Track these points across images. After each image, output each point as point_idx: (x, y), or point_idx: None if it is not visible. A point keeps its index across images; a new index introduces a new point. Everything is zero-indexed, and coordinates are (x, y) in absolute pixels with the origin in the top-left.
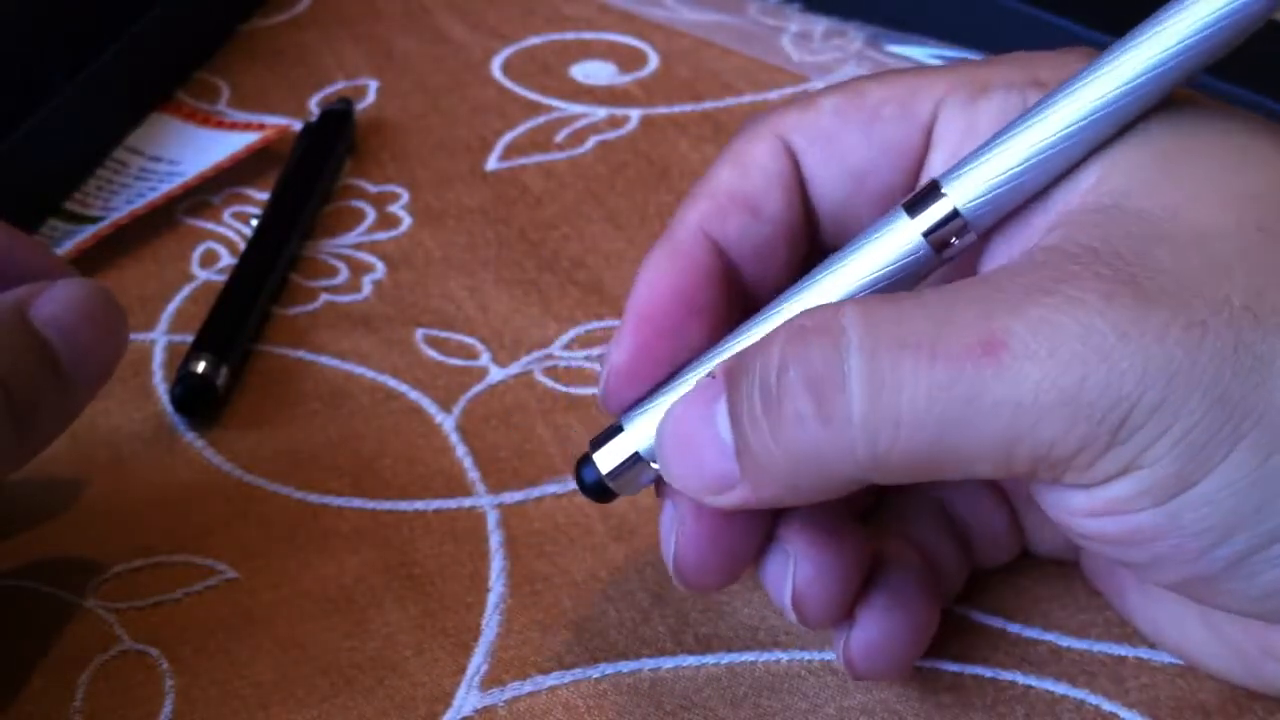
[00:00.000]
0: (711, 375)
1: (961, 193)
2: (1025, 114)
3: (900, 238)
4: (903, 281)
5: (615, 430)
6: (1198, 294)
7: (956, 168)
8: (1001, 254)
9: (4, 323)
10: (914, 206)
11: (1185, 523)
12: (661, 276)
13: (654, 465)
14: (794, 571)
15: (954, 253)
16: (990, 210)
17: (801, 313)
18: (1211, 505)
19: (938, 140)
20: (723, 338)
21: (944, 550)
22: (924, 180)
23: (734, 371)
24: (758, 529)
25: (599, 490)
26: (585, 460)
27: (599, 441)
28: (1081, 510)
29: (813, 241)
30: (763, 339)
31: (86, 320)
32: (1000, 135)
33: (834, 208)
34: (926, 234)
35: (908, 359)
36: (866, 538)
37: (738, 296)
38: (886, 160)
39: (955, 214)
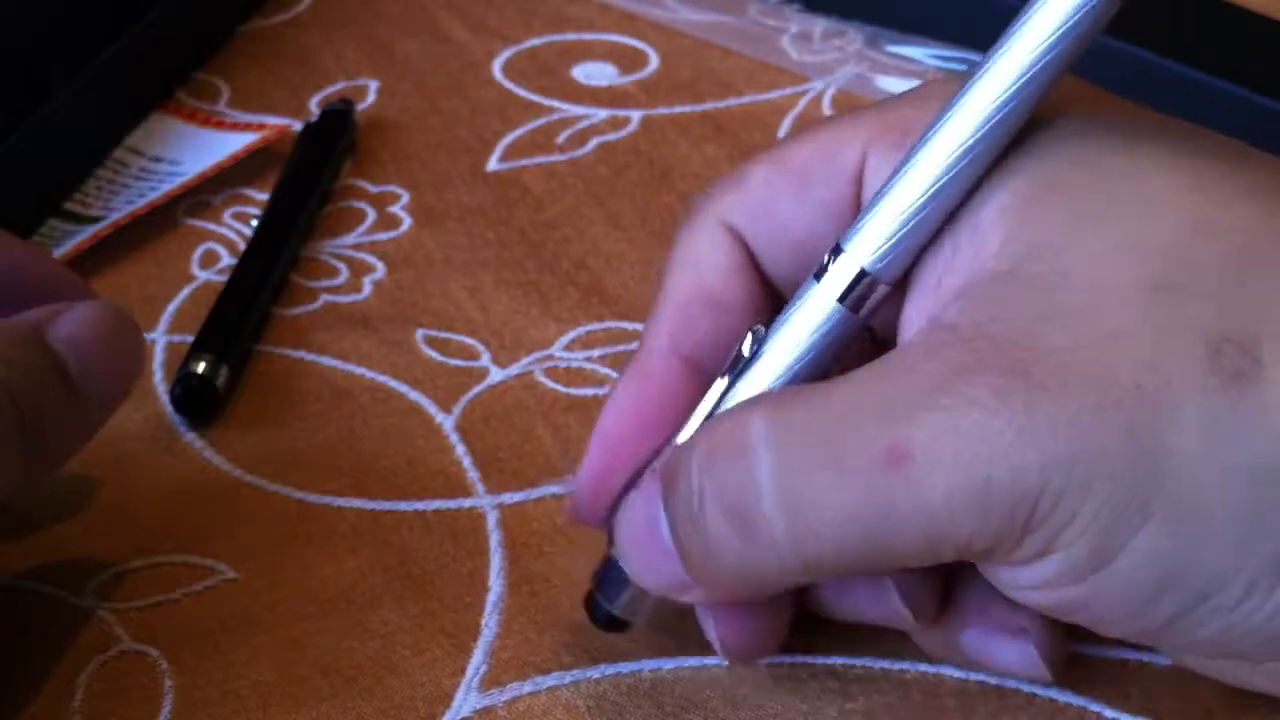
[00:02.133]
0: (653, 471)
1: (863, 249)
2: (907, 154)
3: (816, 308)
4: (830, 349)
5: (611, 565)
6: (1087, 377)
7: (854, 225)
8: (915, 307)
9: (21, 342)
10: (821, 274)
11: (1107, 595)
12: (629, 401)
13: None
14: (714, 627)
15: (870, 308)
16: (896, 259)
17: (712, 422)
18: (1129, 578)
19: (867, 189)
20: None
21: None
22: None
23: (667, 479)
24: (790, 597)
25: (613, 622)
26: (592, 596)
27: (599, 576)
28: (1013, 585)
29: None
30: (687, 447)
31: (103, 342)
32: (889, 181)
33: (788, 280)
34: (840, 299)
35: (818, 477)
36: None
37: None
38: (823, 222)
39: (863, 273)
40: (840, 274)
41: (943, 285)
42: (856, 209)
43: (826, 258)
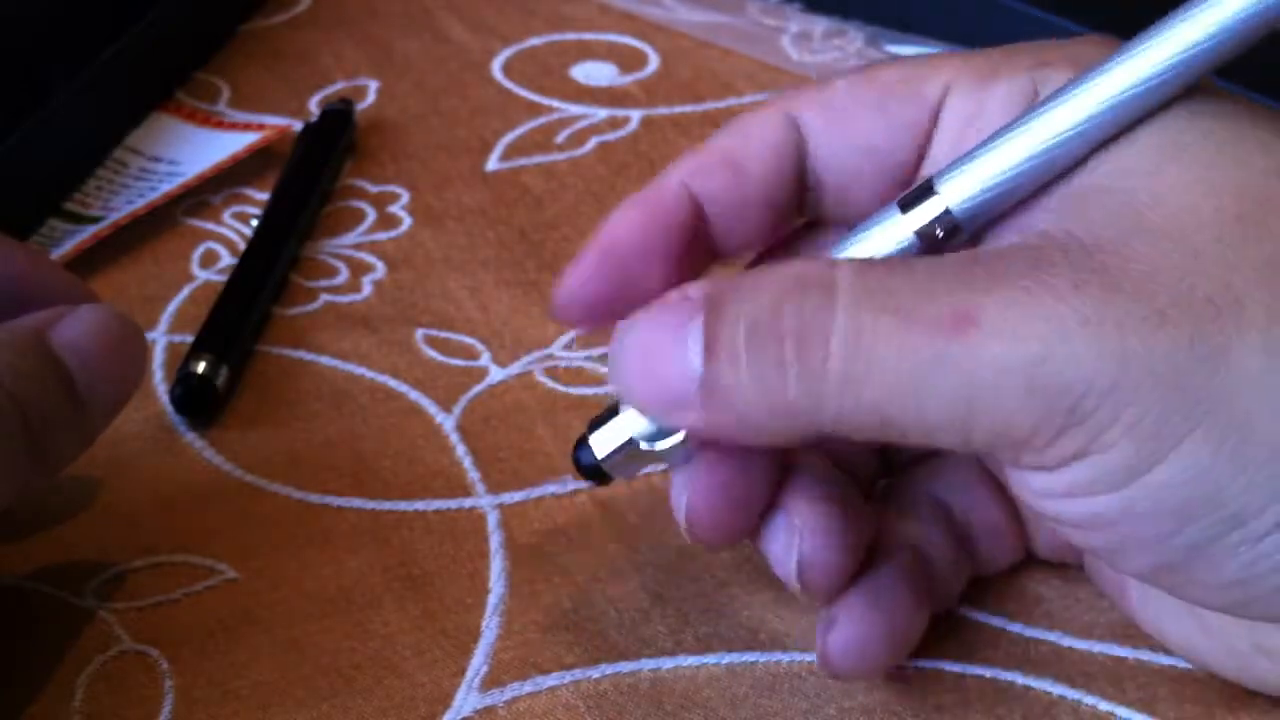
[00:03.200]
0: (685, 296)
1: (955, 193)
2: (1023, 115)
3: (893, 233)
4: None
5: (613, 412)
6: (1164, 285)
7: (952, 166)
8: (1000, 223)
9: (23, 346)
10: (908, 204)
11: (1141, 509)
12: (632, 216)
13: (651, 447)
14: (800, 542)
15: (944, 249)
16: (982, 212)
17: (797, 262)
18: (1165, 492)
19: (943, 123)
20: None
21: (941, 550)
22: (924, 165)
23: (717, 300)
24: (768, 481)
25: (595, 473)
26: (582, 442)
27: (596, 423)
28: (1043, 492)
29: (810, 214)
30: (755, 277)
31: (106, 347)
32: (997, 136)
33: (841, 180)
34: (919, 232)
35: (886, 321)
36: (871, 514)
37: (704, 252)
38: (894, 138)
39: (947, 213)
40: (926, 211)
41: (1030, 204)
42: (928, 138)
43: (917, 191)
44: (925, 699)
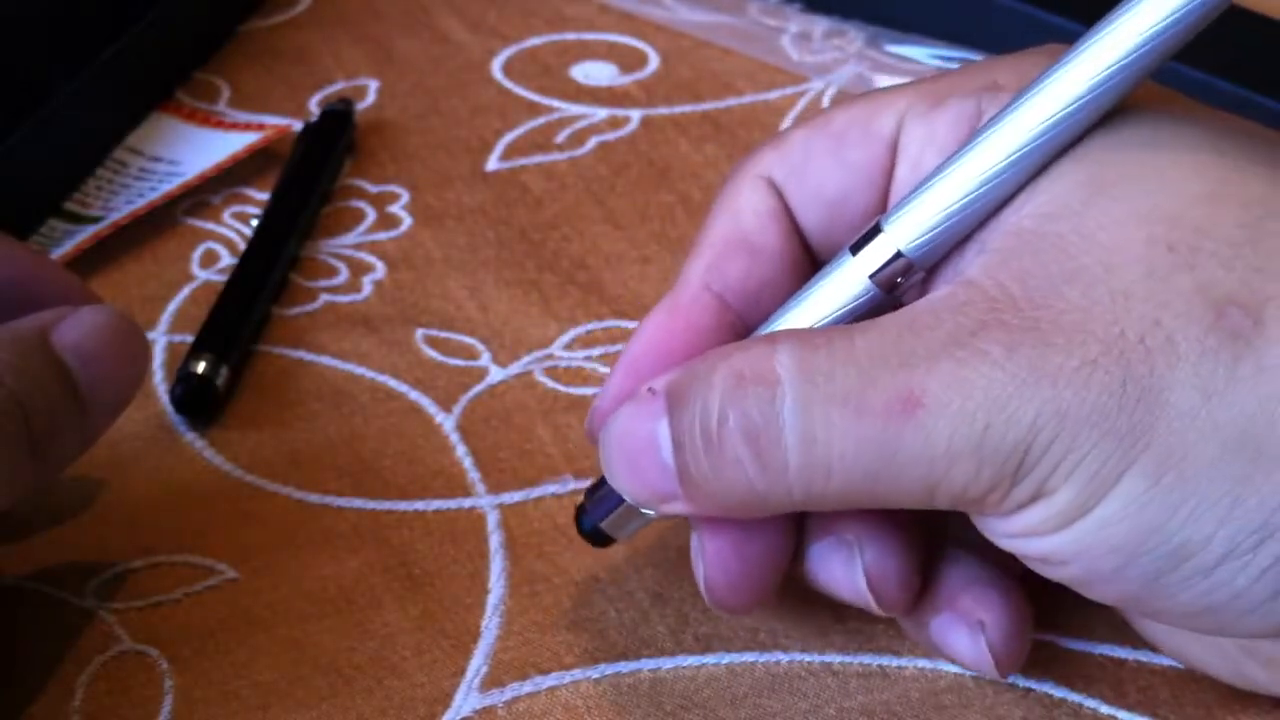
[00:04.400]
0: (651, 390)
1: (902, 233)
2: (963, 145)
3: (848, 281)
4: (855, 320)
5: (605, 481)
6: (1094, 333)
7: (897, 207)
8: (941, 266)
9: (26, 346)
10: (858, 247)
11: (1090, 544)
12: (657, 331)
13: (648, 513)
14: (861, 557)
15: (902, 291)
16: (932, 248)
17: (738, 353)
18: (1108, 529)
19: (901, 154)
20: None
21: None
22: (891, 201)
23: (675, 398)
24: (786, 542)
25: (597, 536)
26: (582, 509)
27: (594, 490)
28: (1001, 533)
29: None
30: (703, 371)
31: (108, 348)
32: (938, 170)
33: (821, 238)
34: (872, 276)
35: (836, 415)
36: (913, 523)
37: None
38: (857, 183)
39: (899, 254)
40: (876, 253)
41: (966, 242)
42: (890, 173)
43: (865, 234)
44: (925, 700)
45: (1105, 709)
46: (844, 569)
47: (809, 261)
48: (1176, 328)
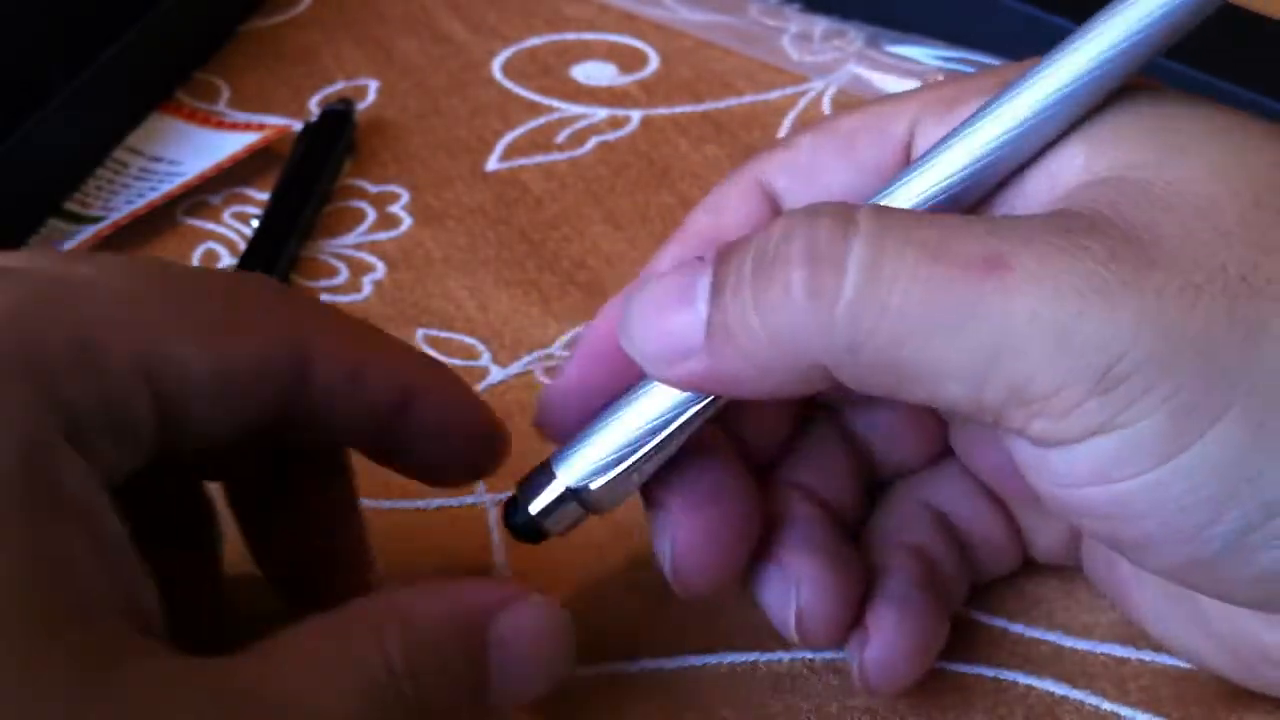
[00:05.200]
0: (699, 258)
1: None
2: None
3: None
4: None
5: (542, 470)
6: (1197, 259)
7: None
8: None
9: (456, 640)
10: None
11: (1175, 494)
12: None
13: (587, 485)
14: (797, 594)
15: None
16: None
17: (816, 202)
18: (1203, 474)
19: (915, 156)
20: None
21: (946, 557)
22: None
23: (728, 250)
24: (754, 522)
25: (528, 530)
26: (513, 504)
27: (526, 483)
28: (1066, 478)
29: None
30: (771, 222)
31: (537, 651)
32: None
33: None
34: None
35: (911, 254)
36: (861, 563)
37: None
38: (868, 183)
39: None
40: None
41: (1037, 198)
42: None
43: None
44: (928, 698)
45: (1107, 705)
46: (778, 599)
47: None
48: (1276, 273)
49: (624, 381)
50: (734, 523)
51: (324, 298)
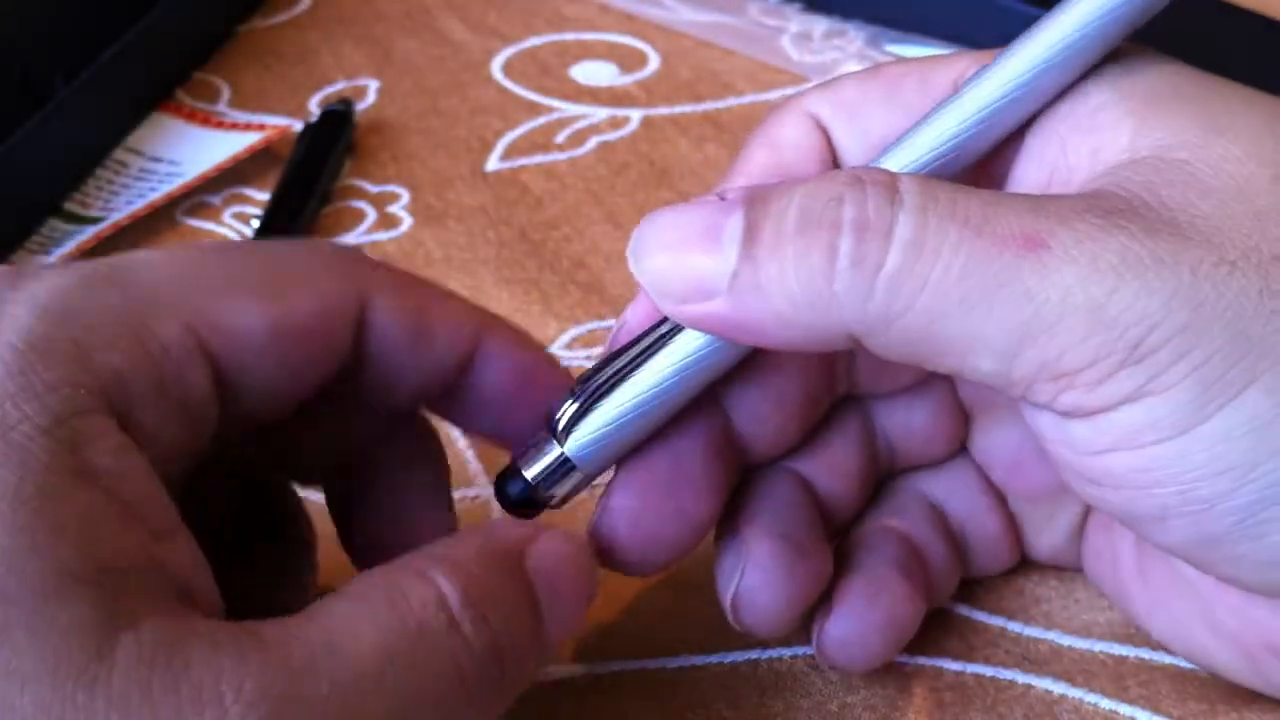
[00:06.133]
0: (722, 196)
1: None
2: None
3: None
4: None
5: (540, 441)
6: (1231, 239)
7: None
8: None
9: (505, 575)
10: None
11: (1195, 463)
12: None
13: (582, 471)
14: (740, 577)
15: None
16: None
17: (856, 167)
18: (1224, 444)
19: None
20: None
21: (935, 546)
22: None
23: (759, 195)
24: (714, 488)
25: (523, 501)
26: (508, 473)
27: (522, 453)
28: (1089, 446)
29: None
30: (801, 180)
31: (571, 575)
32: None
33: None
34: None
35: (953, 229)
36: (828, 561)
37: None
38: (908, 126)
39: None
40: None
41: (1075, 178)
42: None
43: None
44: (928, 696)
45: (1106, 704)
46: (726, 575)
47: None
48: None
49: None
50: (693, 477)
51: None
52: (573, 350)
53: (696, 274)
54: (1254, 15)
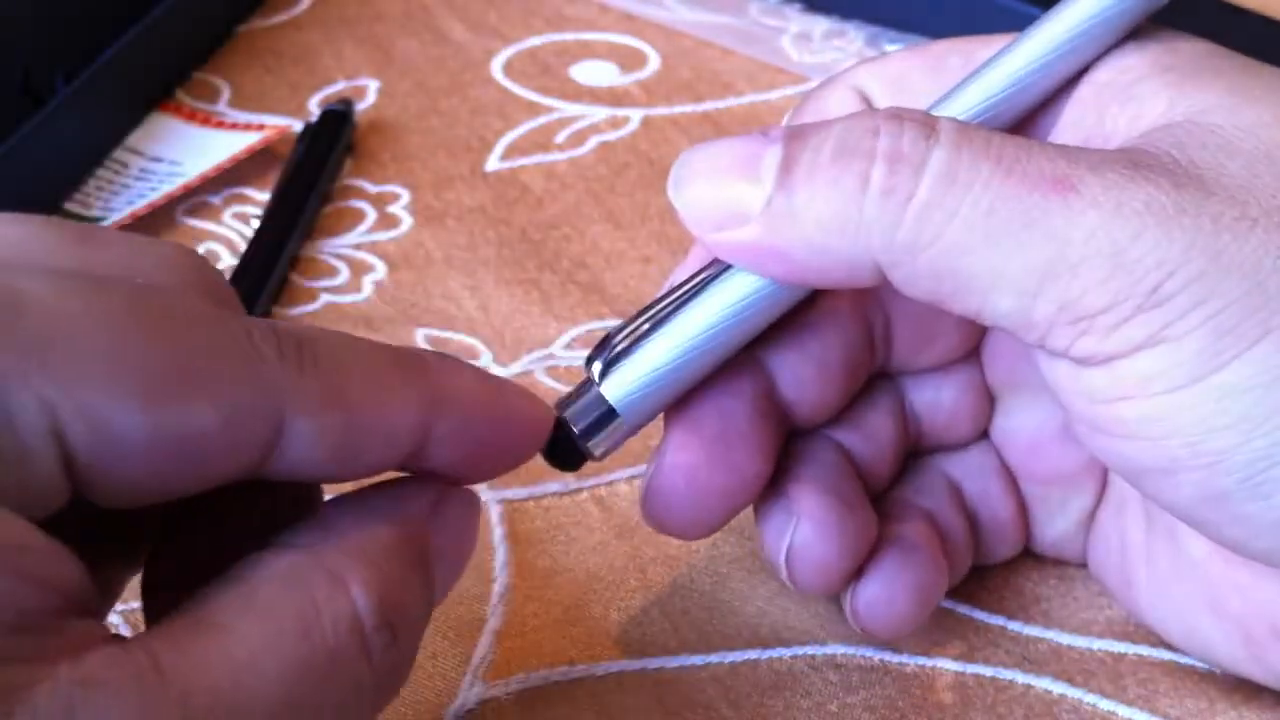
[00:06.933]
0: (764, 133)
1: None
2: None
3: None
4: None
5: (586, 386)
6: (1256, 197)
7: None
8: None
9: (404, 565)
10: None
11: (1205, 414)
12: None
13: (624, 420)
14: (793, 532)
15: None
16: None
17: (897, 106)
18: (1233, 396)
19: None
20: None
21: (955, 524)
22: None
23: (798, 132)
24: (761, 450)
25: (569, 453)
26: (560, 422)
27: (567, 402)
28: (1101, 393)
29: None
30: (849, 115)
31: (463, 537)
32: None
33: None
34: None
35: (986, 166)
36: (874, 520)
37: None
38: None
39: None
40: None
41: (1109, 140)
42: None
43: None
44: (927, 696)
45: (1105, 704)
46: (775, 532)
47: None
48: None
49: None
50: (740, 430)
51: (324, 298)
52: (573, 350)
53: (732, 200)
54: (1254, 15)
